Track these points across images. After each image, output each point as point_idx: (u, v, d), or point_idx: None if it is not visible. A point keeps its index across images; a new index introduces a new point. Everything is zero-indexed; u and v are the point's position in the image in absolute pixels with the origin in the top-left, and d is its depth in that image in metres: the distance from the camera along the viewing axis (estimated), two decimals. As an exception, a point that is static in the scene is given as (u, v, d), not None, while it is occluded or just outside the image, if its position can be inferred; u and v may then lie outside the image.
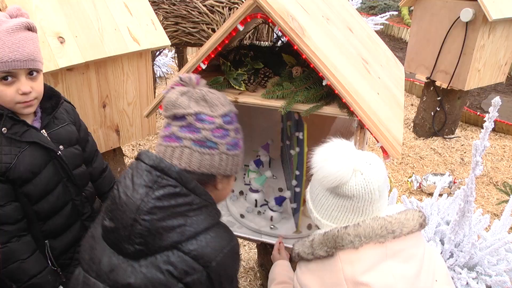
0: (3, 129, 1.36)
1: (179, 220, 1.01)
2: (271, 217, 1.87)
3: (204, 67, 1.41)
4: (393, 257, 1.06)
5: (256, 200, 1.96)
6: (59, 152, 1.49)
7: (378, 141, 1.32)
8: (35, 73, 1.38)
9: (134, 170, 1.05)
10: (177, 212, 1.01)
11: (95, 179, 1.76)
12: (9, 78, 1.33)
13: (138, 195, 1.00)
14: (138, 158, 1.07)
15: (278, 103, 1.40)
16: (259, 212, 1.92)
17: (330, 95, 1.40)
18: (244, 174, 2.14)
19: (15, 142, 1.39)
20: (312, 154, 1.14)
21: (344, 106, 1.35)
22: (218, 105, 1.09)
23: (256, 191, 1.96)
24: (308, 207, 1.22)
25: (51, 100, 1.52)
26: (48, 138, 1.48)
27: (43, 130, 1.48)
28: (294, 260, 1.21)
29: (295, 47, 1.29)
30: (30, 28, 1.36)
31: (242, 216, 1.90)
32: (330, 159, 1.08)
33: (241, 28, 1.31)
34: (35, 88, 1.39)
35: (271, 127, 2.22)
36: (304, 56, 1.29)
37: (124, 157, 3.04)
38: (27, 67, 1.34)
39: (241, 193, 2.06)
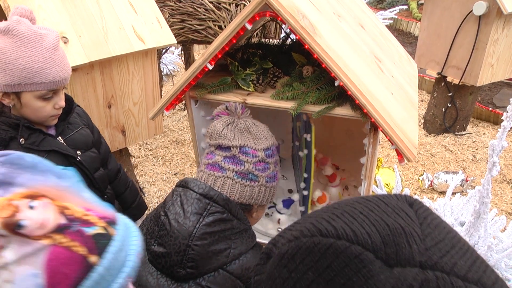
0: (20, 139, 1.32)
1: (225, 243, 1.07)
2: (279, 219, 1.82)
3: (211, 67, 1.35)
4: None
5: None
6: (78, 157, 1.45)
7: (393, 144, 1.27)
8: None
9: (183, 197, 1.09)
10: (223, 236, 1.07)
11: (111, 181, 1.72)
12: (51, 94, 1.31)
13: (190, 222, 1.05)
14: (185, 186, 1.11)
15: (288, 105, 1.35)
16: (266, 214, 1.87)
17: (342, 96, 1.34)
18: None
19: (33, 152, 1.33)
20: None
21: (357, 107, 1.29)
22: (261, 138, 1.16)
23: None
24: None
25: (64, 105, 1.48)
26: (65, 144, 1.44)
27: (59, 137, 1.44)
28: None
29: (306, 46, 1.23)
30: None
31: None
32: None
33: (249, 27, 1.25)
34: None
35: (281, 126, 2.17)
36: (315, 56, 1.23)
37: (130, 157, 3.00)
38: (67, 82, 1.33)
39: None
